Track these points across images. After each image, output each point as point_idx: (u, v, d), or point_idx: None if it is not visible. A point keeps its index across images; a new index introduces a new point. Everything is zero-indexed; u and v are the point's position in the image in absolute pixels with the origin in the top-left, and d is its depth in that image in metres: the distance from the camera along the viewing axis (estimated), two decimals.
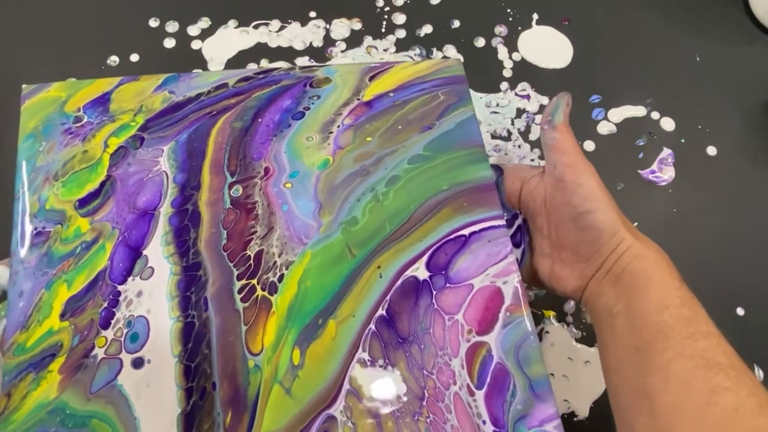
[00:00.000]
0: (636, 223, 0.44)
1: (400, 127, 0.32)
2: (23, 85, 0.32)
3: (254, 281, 0.29)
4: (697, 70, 0.51)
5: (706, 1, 0.54)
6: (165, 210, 0.30)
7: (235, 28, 0.50)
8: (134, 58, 0.48)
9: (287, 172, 0.31)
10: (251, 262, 0.29)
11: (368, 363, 0.27)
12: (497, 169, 0.34)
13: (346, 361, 0.27)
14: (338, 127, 0.32)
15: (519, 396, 0.26)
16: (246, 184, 0.31)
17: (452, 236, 0.29)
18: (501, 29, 0.51)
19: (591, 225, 0.29)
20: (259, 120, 0.32)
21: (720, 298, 0.42)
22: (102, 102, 0.33)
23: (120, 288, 0.28)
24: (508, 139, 0.47)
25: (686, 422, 0.23)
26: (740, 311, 0.42)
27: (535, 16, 0.52)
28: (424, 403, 0.26)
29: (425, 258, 0.29)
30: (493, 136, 0.47)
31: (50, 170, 0.30)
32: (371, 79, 0.34)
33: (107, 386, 0.26)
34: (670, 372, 0.24)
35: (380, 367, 0.27)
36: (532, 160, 0.46)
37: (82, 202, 0.30)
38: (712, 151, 0.47)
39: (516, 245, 0.33)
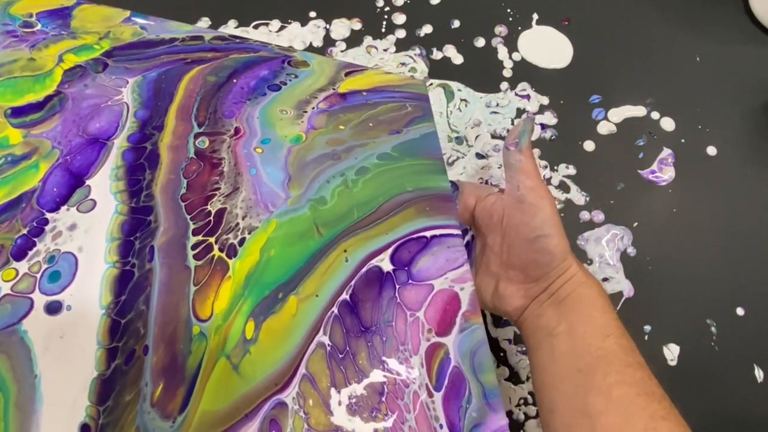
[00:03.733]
0: (636, 223, 0.44)
1: (371, 124, 0.33)
2: None
3: (212, 239, 0.26)
4: (697, 70, 0.51)
5: (706, 1, 0.54)
6: (120, 143, 0.27)
7: (235, 28, 0.50)
8: None
9: (259, 137, 0.30)
10: (211, 218, 0.27)
11: (328, 347, 0.25)
12: (453, 184, 0.35)
13: (305, 343, 0.25)
14: (313, 108, 0.32)
15: (474, 403, 0.26)
16: (214, 138, 0.29)
17: (415, 236, 0.29)
18: (501, 29, 0.51)
19: (546, 248, 0.30)
20: (234, 80, 0.31)
21: (720, 298, 0.42)
22: (62, 15, 0.30)
23: (48, 216, 0.24)
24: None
25: None
26: (740, 311, 0.42)
27: (535, 16, 0.52)
28: (384, 399, 0.25)
29: (390, 251, 0.29)
30: (493, 136, 0.47)
31: None
32: (347, 75, 0.35)
33: (5, 330, 0.22)
34: (613, 395, 0.26)
35: (340, 353, 0.25)
36: None
37: (17, 112, 0.26)
38: (712, 151, 0.47)
39: None
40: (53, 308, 0.23)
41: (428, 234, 0.30)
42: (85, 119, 0.27)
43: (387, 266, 0.28)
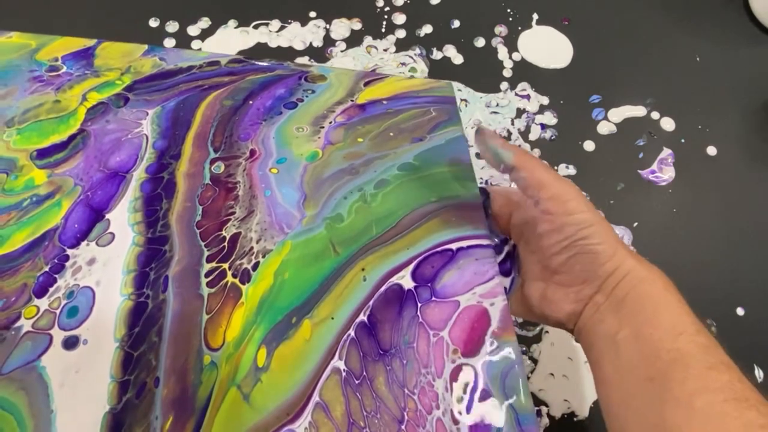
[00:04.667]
0: (636, 223, 0.44)
1: (391, 134, 0.32)
2: None
3: (225, 265, 0.26)
4: (697, 70, 0.51)
5: (706, 1, 0.54)
6: (138, 174, 0.27)
7: (235, 28, 0.50)
8: None
9: (274, 157, 0.30)
10: (225, 244, 0.26)
11: (344, 373, 0.24)
12: (483, 191, 0.32)
13: (319, 369, 0.24)
14: (330, 123, 0.32)
15: (506, 431, 0.24)
16: (229, 162, 0.29)
17: (439, 249, 0.28)
18: (501, 29, 0.51)
19: (586, 249, 0.27)
20: (251, 102, 0.31)
21: (720, 298, 0.42)
22: (85, 56, 0.31)
23: (69, 252, 0.24)
24: (508, 139, 0.47)
25: None
26: (740, 311, 0.42)
27: (535, 16, 0.52)
28: (403, 427, 0.23)
29: (411, 267, 0.27)
30: None
31: (3, 116, 0.27)
32: (366, 84, 0.34)
33: (25, 367, 0.22)
34: (695, 406, 0.22)
35: (356, 378, 0.24)
36: None
37: (42, 153, 0.27)
38: (712, 151, 0.47)
39: (506, 273, 0.31)
40: (71, 343, 0.23)
41: (454, 246, 0.28)
42: (106, 154, 0.28)
43: (408, 283, 0.27)
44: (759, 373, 0.40)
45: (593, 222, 0.27)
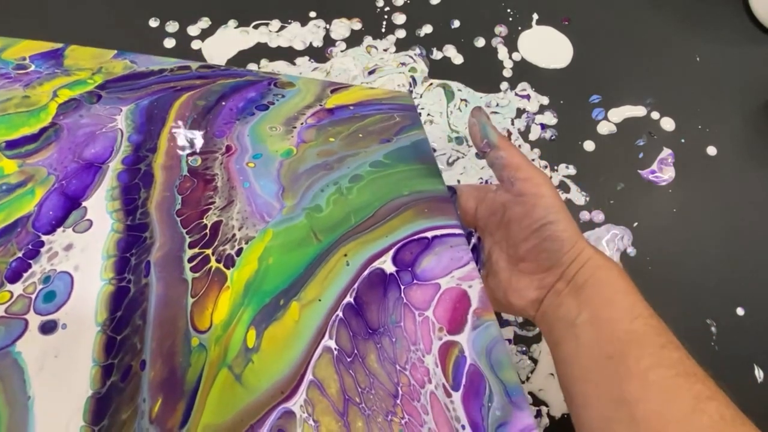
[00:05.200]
0: (636, 223, 0.44)
1: (360, 135, 0.33)
2: None
3: (208, 251, 0.26)
4: (697, 70, 0.51)
5: (706, 1, 0.54)
6: (115, 165, 0.27)
7: (235, 28, 0.50)
8: None
9: (250, 153, 0.30)
10: (207, 231, 0.26)
11: (335, 352, 0.24)
12: (450, 189, 0.34)
13: (310, 348, 0.24)
14: (302, 124, 0.32)
15: (497, 401, 0.24)
16: (206, 156, 0.29)
17: (416, 237, 0.29)
18: (501, 29, 0.51)
19: (553, 235, 0.29)
20: (223, 103, 0.32)
21: (720, 298, 0.42)
22: (54, 56, 0.31)
23: (44, 238, 0.24)
24: (508, 138, 0.47)
25: (673, 430, 0.23)
26: (740, 311, 0.42)
27: (535, 16, 0.52)
28: (399, 402, 0.24)
29: (392, 252, 0.28)
30: None
31: None
32: (332, 92, 0.35)
33: None
34: (650, 380, 0.24)
35: (348, 357, 0.24)
36: (533, 159, 0.46)
37: (12, 144, 0.26)
38: (712, 151, 0.47)
39: None
40: (48, 328, 0.22)
41: (429, 234, 0.29)
42: (81, 146, 0.27)
43: (390, 268, 0.28)
44: (759, 373, 0.40)
45: (560, 209, 0.29)
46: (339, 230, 0.28)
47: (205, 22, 0.50)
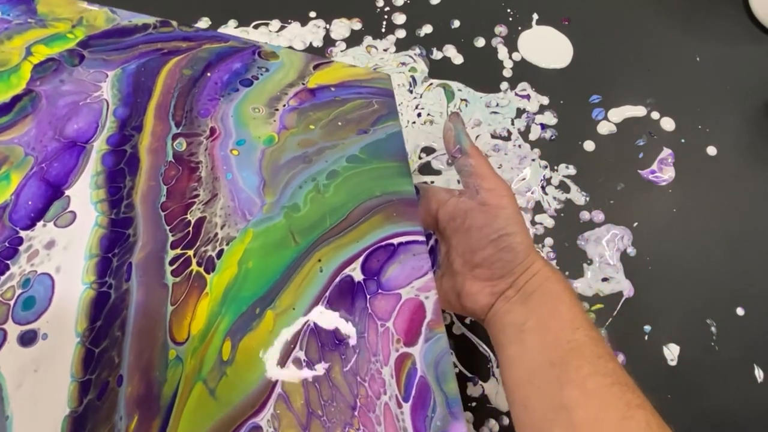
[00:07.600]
0: (636, 223, 0.44)
1: (340, 123, 0.33)
2: None
3: (190, 252, 0.24)
4: (697, 70, 0.51)
5: (706, 1, 0.54)
6: (99, 146, 0.24)
7: (235, 28, 0.50)
8: None
9: (233, 138, 0.29)
10: (190, 229, 0.25)
11: (304, 364, 0.24)
12: (415, 188, 0.34)
13: (281, 361, 0.24)
14: (284, 106, 0.32)
15: (438, 412, 0.25)
16: (191, 140, 0.28)
17: (383, 243, 0.29)
18: (501, 29, 0.51)
19: (509, 246, 0.30)
20: (209, 74, 0.31)
21: (720, 298, 0.42)
22: (24, 1, 0.27)
23: (23, 234, 0.21)
24: (507, 139, 0.47)
25: None
26: (740, 311, 0.42)
27: (535, 16, 0.52)
28: (356, 414, 0.24)
29: (361, 260, 0.28)
30: (493, 136, 0.47)
31: None
32: (315, 68, 0.34)
33: None
34: (587, 387, 0.26)
35: (315, 370, 0.24)
36: (533, 160, 0.46)
37: None
38: (712, 151, 0.47)
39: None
40: (28, 339, 0.20)
41: (395, 241, 0.29)
42: (62, 120, 0.24)
43: (358, 276, 0.27)
44: (759, 373, 0.40)
45: (518, 222, 0.31)
46: (315, 232, 0.28)
47: (205, 22, 0.50)
